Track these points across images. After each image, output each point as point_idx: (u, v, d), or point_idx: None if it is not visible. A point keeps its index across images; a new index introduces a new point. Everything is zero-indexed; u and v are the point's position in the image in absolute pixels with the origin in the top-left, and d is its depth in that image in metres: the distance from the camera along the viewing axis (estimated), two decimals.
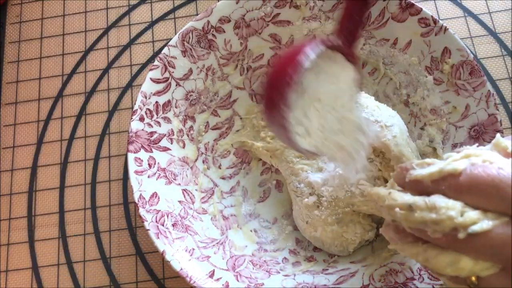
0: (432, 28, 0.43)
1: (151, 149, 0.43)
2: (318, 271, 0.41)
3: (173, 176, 0.43)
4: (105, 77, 0.55)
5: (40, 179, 0.51)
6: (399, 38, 0.44)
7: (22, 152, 0.52)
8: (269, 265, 0.42)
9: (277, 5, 0.46)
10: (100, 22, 0.57)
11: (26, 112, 0.54)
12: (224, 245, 0.43)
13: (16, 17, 0.58)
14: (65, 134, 0.52)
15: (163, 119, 0.44)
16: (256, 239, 0.45)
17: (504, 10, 0.53)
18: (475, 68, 0.41)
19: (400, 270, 0.38)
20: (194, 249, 0.40)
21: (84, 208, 0.49)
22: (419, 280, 0.37)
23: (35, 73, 0.55)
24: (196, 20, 0.45)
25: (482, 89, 0.40)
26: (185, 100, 0.46)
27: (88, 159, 0.51)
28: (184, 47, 0.45)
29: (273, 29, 0.47)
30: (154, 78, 0.44)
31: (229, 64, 0.47)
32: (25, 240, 0.49)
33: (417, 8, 0.43)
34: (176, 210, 0.42)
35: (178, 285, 0.46)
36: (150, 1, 0.57)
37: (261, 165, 0.48)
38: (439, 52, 0.43)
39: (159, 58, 0.44)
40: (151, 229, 0.39)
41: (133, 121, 0.42)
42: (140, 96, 0.43)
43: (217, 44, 0.46)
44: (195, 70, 0.46)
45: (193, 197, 0.44)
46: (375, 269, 0.39)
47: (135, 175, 0.41)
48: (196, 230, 0.42)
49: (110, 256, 0.47)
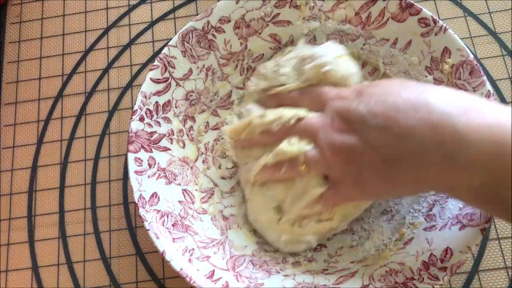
0: (432, 28, 0.43)
1: (151, 149, 0.43)
2: (318, 271, 0.41)
3: (173, 176, 0.43)
4: (105, 77, 0.55)
5: (40, 179, 0.51)
6: (399, 38, 0.44)
7: (22, 152, 0.52)
8: (269, 265, 0.42)
9: (277, 5, 0.46)
10: (100, 22, 0.57)
11: (26, 112, 0.54)
12: (224, 245, 0.43)
13: (16, 17, 0.58)
14: (65, 134, 0.52)
15: (163, 119, 0.44)
16: (256, 239, 0.45)
17: (504, 10, 0.53)
18: (475, 68, 0.41)
19: (400, 270, 0.38)
20: (194, 249, 0.40)
21: (84, 208, 0.49)
22: (419, 280, 0.37)
23: (35, 73, 0.55)
24: (196, 20, 0.45)
25: (482, 89, 0.40)
26: (185, 100, 0.46)
27: (88, 159, 0.51)
28: (184, 47, 0.45)
29: (273, 29, 0.47)
30: (154, 78, 0.44)
31: (229, 64, 0.47)
32: (25, 240, 0.49)
33: (417, 8, 0.43)
34: (176, 210, 0.42)
35: (178, 285, 0.46)
36: (150, 1, 0.57)
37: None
38: (439, 52, 0.43)
39: (159, 58, 0.44)
40: (151, 229, 0.39)
41: (133, 121, 0.42)
42: (140, 96, 0.43)
43: (217, 44, 0.46)
44: (195, 70, 0.46)
45: (193, 197, 0.44)
46: (375, 269, 0.39)
47: (135, 175, 0.41)
48: (196, 230, 0.42)
49: (110, 256, 0.47)
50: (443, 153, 0.31)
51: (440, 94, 0.34)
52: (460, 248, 0.37)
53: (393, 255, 0.40)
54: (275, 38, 0.47)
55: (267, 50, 0.48)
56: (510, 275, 0.44)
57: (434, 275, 0.37)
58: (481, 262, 0.44)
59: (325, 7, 0.46)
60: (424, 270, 0.37)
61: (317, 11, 0.46)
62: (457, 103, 0.32)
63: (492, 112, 0.31)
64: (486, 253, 0.44)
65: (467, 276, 0.44)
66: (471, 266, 0.44)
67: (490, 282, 0.43)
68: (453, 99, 0.33)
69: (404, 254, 0.40)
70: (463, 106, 0.32)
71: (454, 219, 0.39)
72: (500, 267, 0.44)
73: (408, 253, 0.39)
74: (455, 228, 0.38)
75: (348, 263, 0.42)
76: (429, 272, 0.37)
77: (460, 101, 0.33)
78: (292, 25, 0.47)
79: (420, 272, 0.37)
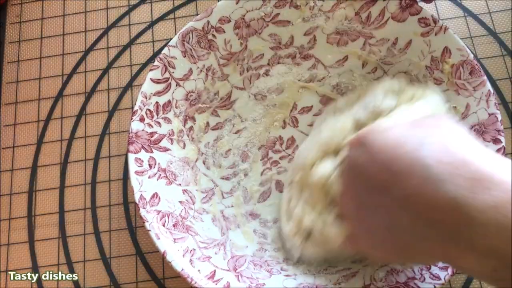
0: (432, 28, 0.43)
1: (151, 150, 0.43)
2: (319, 271, 0.41)
3: (173, 177, 0.43)
4: (105, 77, 0.55)
5: (40, 179, 0.51)
6: (399, 38, 0.44)
7: (22, 152, 0.52)
8: (270, 265, 0.42)
9: (277, 5, 0.46)
10: (100, 22, 0.57)
11: (26, 112, 0.54)
12: (225, 245, 0.43)
13: (16, 17, 0.58)
14: (65, 134, 0.52)
15: (164, 120, 0.44)
16: (256, 239, 0.45)
17: (504, 10, 0.53)
18: (475, 67, 0.41)
19: (401, 270, 0.38)
20: (195, 250, 0.40)
21: (84, 208, 0.49)
22: (420, 279, 0.37)
23: (35, 73, 0.55)
24: (196, 20, 0.45)
25: (483, 89, 0.40)
26: (185, 100, 0.46)
27: (88, 159, 0.51)
28: (184, 47, 0.45)
29: (273, 29, 0.47)
30: (154, 79, 0.44)
31: (229, 64, 0.47)
32: (25, 240, 0.49)
33: (417, 7, 0.43)
34: (176, 210, 0.42)
35: (178, 285, 0.46)
36: (150, 1, 0.57)
37: (261, 165, 0.48)
38: (439, 52, 0.43)
39: (159, 59, 0.44)
40: (152, 229, 0.39)
41: (133, 122, 0.42)
42: (140, 97, 0.43)
43: (217, 44, 0.46)
44: (195, 70, 0.46)
45: (193, 198, 0.44)
46: (376, 269, 0.39)
47: (136, 175, 0.41)
48: (196, 230, 0.42)
49: (110, 256, 0.47)
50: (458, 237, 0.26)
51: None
52: None
53: None
54: (275, 38, 0.47)
55: (267, 50, 0.48)
56: None
57: (435, 275, 0.37)
58: None
59: (325, 7, 0.46)
60: (425, 270, 0.37)
61: (317, 11, 0.46)
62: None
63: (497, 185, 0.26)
64: None
65: (467, 276, 0.44)
66: None
67: None
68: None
69: None
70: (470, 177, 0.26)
71: None
72: None
73: None
74: None
75: (349, 263, 0.42)
76: (430, 271, 0.37)
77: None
78: (292, 25, 0.47)
79: (421, 271, 0.37)
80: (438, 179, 0.26)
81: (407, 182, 0.28)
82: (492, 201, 0.25)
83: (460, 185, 0.26)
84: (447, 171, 0.26)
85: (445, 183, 0.26)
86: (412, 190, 0.27)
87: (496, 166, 0.26)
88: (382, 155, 0.29)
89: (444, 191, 0.26)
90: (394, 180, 0.28)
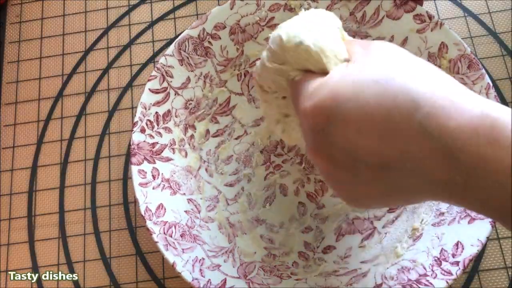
0: (427, 24, 0.43)
1: (154, 160, 0.42)
2: (329, 273, 0.41)
3: (177, 186, 0.43)
4: (105, 77, 0.55)
5: (40, 179, 0.51)
6: (395, 35, 0.44)
7: (22, 152, 0.52)
8: (280, 270, 0.42)
9: (271, 9, 0.46)
10: (100, 22, 0.57)
11: (26, 112, 0.54)
12: (233, 252, 0.42)
13: (16, 17, 0.58)
14: (65, 134, 0.52)
15: (164, 129, 0.44)
16: (264, 244, 0.44)
17: (504, 10, 0.53)
18: (473, 61, 0.41)
19: (412, 267, 0.38)
20: (204, 259, 0.40)
21: (84, 208, 0.49)
22: (432, 276, 0.37)
23: (35, 73, 0.55)
24: (191, 28, 0.45)
25: (482, 82, 0.40)
26: (185, 109, 0.45)
27: (88, 159, 0.51)
28: (181, 55, 0.45)
29: (269, 33, 0.46)
30: (153, 89, 0.43)
31: (227, 70, 0.47)
32: (25, 240, 0.49)
33: (412, 4, 0.43)
34: (183, 220, 0.41)
35: (178, 285, 0.46)
36: (150, 1, 0.57)
37: (264, 169, 0.48)
38: (436, 47, 0.43)
39: (156, 69, 0.44)
40: (160, 241, 0.38)
41: (135, 133, 0.42)
42: (140, 108, 0.43)
43: (214, 51, 0.46)
44: (193, 78, 0.46)
45: (198, 206, 0.44)
46: (387, 268, 0.39)
47: (140, 187, 0.40)
48: (204, 239, 0.41)
49: (110, 256, 0.47)
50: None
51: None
52: (470, 242, 0.37)
53: (404, 253, 0.40)
54: None
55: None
56: (510, 275, 0.43)
57: (447, 270, 0.36)
58: (481, 262, 0.44)
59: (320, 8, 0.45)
60: (436, 266, 0.37)
61: None
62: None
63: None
64: (486, 253, 0.44)
65: (467, 276, 0.44)
66: (471, 266, 0.44)
67: (490, 282, 0.43)
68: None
69: (415, 251, 0.39)
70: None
71: (462, 212, 0.39)
72: (500, 267, 0.44)
73: (418, 250, 0.39)
74: (464, 221, 0.38)
75: (359, 263, 0.41)
76: (441, 267, 0.37)
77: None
78: None
79: (433, 268, 0.37)
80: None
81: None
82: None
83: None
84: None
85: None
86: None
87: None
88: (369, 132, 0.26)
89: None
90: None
